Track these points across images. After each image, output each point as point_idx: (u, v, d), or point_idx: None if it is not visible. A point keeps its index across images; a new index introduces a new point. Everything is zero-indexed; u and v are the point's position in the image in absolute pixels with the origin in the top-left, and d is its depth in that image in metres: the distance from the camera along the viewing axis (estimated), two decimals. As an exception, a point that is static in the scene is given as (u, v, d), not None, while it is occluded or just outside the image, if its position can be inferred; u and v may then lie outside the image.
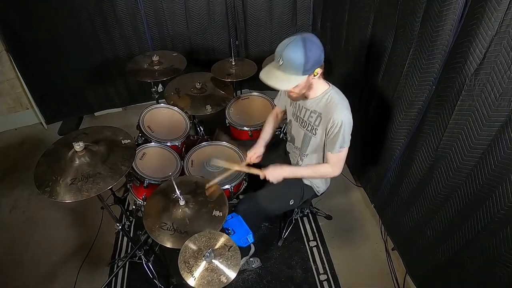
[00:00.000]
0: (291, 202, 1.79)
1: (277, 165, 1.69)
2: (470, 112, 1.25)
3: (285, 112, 1.86)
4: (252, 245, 1.97)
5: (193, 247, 1.27)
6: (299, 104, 1.63)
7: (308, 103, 1.57)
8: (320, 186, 1.82)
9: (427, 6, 1.40)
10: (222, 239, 1.29)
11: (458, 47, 1.27)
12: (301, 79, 1.37)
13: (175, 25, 2.79)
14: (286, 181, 1.70)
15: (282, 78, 1.37)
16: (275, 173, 1.65)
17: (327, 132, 1.52)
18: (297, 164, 1.79)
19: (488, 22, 1.10)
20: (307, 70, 1.35)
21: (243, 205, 1.73)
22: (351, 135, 1.52)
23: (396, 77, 1.71)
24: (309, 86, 1.47)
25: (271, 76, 1.39)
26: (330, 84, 1.55)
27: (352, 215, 2.37)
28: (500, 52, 1.09)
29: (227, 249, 1.26)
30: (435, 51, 1.40)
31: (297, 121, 1.69)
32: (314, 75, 1.41)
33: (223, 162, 1.73)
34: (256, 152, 1.78)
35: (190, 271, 1.20)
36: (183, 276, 1.20)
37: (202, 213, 1.48)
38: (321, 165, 1.66)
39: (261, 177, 1.68)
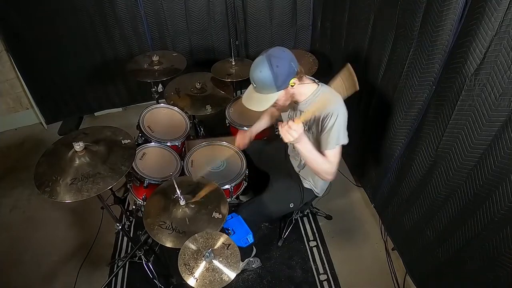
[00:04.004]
0: (291, 205, 1.80)
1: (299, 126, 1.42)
2: (470, 112, 1.25)
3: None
4: (253, 247, 1.98)
5: (193, 247, 1.27)
6: (294, 106, 1.63)
7: (301, 106, 1.55)
8: (319, 189, 1.81)
9: (427, 6, 1.40)
10: (221, 239, 1.29)
11: (458, 47, 1.27)
12: (277, 95, 1.38)
13: (175, 25, 2.78)
14: (286, 184, 1.70)
15: (259, 99, 1.40)
16: (289, 132, 1.38)
17: (321, 125, 1.44)
18: (299, 165, 1.79)
19: (488, 22, 1.10)
20: (280, 86, 1.36)
21: (244, 209, 1.73)
22: (351, 134, 1.51)
23: (396, 77, 1.71)
24: (292, 96, 1.47)
25: (250, 99, 1.43)
26: (319, 83, 1.52)
27: (352, 215, 2.37)
28: (500, 52, 1.09)
29: (225, 248, 1.27)
30: (435, 51, 1.40)
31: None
32: (292, 86, 1.40)
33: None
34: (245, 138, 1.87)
35: (191, 273, 1.20)
36: (185, 278, 1.20)
37: (201, 213, 1.48)
38: (323, 157, 1.49)
39: (279, 127, 1.41)
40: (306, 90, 1.50)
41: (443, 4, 1.29)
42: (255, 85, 1.38)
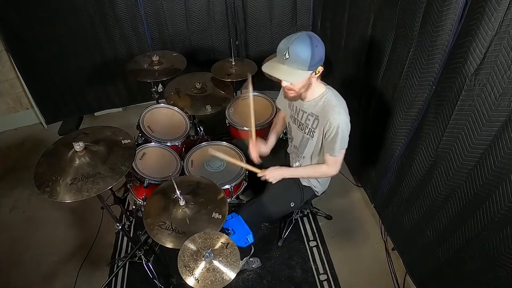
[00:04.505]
0: (292, 204, 1.80)
1: (276, 166, 1.71)
2: (470, 112, 1.25)
3: None
4: (252, 247, 1.98)
5: (192, 247, 1.27)
6: (296, 106, 1.64)
7: (305, 106, 1.57)
8: (318, 187, 1.82)
9: (427, 6, 1.40)
10: (219, 238, 1.29)
11: (458, 47, 1.27)
12: (306, 75, 1.37)
13: (175, 25, 2.79)
14: (285, 184, 1.71)
15: (288, 72, 1.36)
16: (274, 174, 1.69)
17: (324, 134, 1.53)
18: (296, 165, 1.79)
19: (488, 22, 1.10)
20: (312, 66, 1.35)
21: (244, 211, 1.73)
22: (351, 136, 1.52)
23: (396, 77, 1.71)
24: (308, 86, 1.47)
25: (276, 69, 1.38)
26: (327, 86, 1.56)
27: (352, 215, 2.37)
28: (500, 52, 1.09)
29: (224, 247, 1.27)
30: (435, 51, 1.40)
31: (295, 123, 1.69)
32: (316, 73, 1.41)
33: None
34: (261, 153, 1.82)
35: (192, 274, 1.20)
36: (185, 279, 1.20)
37: (201, 214, 1.48)
38: (319, 165, 1.67)
39: (259, 175, 1.70)
40: (317, 89, 1.53)
41: (443, 4, 1.29)
42: (287, 57, 1.33)
